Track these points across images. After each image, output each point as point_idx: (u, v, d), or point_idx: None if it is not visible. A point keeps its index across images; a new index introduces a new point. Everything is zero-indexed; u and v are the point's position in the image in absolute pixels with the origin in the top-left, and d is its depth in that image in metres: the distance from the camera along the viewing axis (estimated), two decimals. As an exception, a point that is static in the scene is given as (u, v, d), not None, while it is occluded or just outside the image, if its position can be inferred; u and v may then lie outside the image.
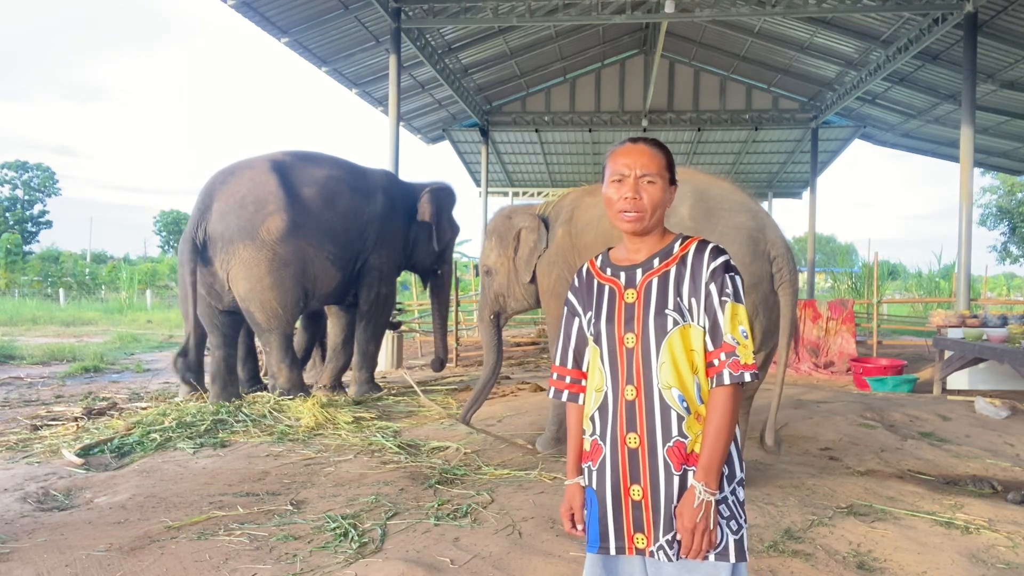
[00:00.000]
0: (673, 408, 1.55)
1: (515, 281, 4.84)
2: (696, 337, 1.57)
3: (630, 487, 1.58)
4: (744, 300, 1.60)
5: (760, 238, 3.65)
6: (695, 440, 1.55)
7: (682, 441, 1.55)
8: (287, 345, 6.44)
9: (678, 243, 1.65)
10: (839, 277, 19.40)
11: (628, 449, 1.58)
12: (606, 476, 1.61)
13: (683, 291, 1.58)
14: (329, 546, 3.08)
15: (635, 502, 1.57)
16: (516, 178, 21.79)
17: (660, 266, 1.62)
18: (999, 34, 10.61)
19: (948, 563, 2.91)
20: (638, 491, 1.57)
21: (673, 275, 1.60)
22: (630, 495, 1.58)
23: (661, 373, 1.56)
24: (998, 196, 27.78)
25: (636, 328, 1.59)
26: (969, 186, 9.48)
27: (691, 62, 16.29)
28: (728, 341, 1.54)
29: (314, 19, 10.93)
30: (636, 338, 1.59)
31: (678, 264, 1.61)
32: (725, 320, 1.55)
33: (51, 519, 3.45)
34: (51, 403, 6.81)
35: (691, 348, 1.57)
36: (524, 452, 4.79)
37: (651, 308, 1.59)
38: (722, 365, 1.54)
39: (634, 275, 1.64)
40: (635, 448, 1.57)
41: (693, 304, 1.58)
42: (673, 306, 1.58)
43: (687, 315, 1.57)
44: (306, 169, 6.58)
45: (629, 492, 1.58)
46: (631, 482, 1.58)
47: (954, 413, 6.19)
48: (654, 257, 1.64)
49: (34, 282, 28.17)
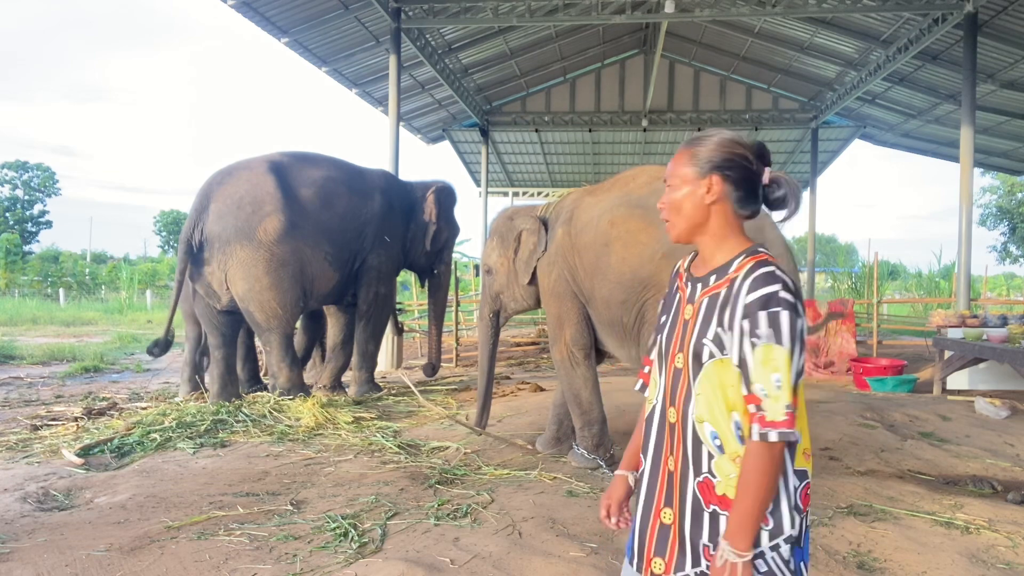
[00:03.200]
0: (704, 443, 1.41)
1: (515, 282, 4.84)
2: (732, 374, 1.39)
3: (662, 508, 1.47)
4: (787, 341, 1.33)
5: (757, 238, 3.64)
6: (726, 483, 1.39)
7: (711, 480, 1.40)
8: (287, 345, 6.44)
9: (739, 259, 1.44)
10: (839, 277, 19.41)
11: (668, 471, 1.47)
12: (642, 491, 1.52)
13: (724, 320, 1.40)
14: (329, 546, 3.08)
15: (664, 525, 1.46)
16: (516, 178, 21.79)
17: (714, 285, 1.45)
18: (999, 34, 10.61)
19: (948, 563, 2.91)
20: (669, 515, 1.46)
21: (721, 299, 1.42)
22: (660, 517, 1.47)
23: (697, 404, 1.42)
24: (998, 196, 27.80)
25: (686, 349, 1.45)
26: (969, 186, 9.48)
27: (691, 62, 16.29)
28: (756, 392, 1.34)
29: (314, 19, 10.93)
30: (685, 359, 1.45)
31: (727, 287, 1.42)
32: (755, 365, 1.34)
33: (51, 519, 3.45)
34: (51, 403, 6.81)
35: (727, 384, 1.39)
36: (524, 452, 4.79)
37: (695, 333, 1.44)
38: (752, 418, 1.35)
39: (695, 290, 1.49)
40: (673, 471, 1.46)
41: (728, 338, 1.39)
42: (713, 336, 1.41)
43: (724, 349, 1.39)
44: (304, 170, 6.59)
45: (660, 514, 1.47)
46: (664, 504, 1.47)
47: (954, 413, 6.19)
48: (712, 273, 1.47)
49: (34, 282, 28.16)
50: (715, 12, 11.12)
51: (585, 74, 16.88)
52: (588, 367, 4.46)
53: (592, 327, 4.42)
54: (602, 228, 4.10)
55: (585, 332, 4.43)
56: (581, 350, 4.45)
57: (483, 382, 5.11)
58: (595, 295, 4.19)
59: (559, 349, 4.53)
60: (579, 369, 4.45)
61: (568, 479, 4.07)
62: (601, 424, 4.45)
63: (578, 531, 3.22)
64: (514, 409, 6.30)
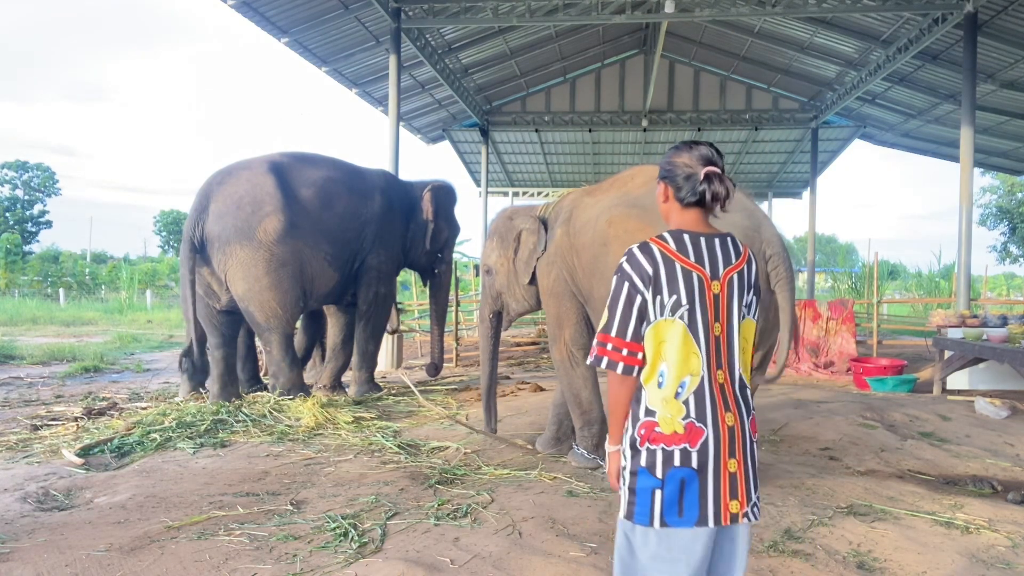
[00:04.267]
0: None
1: (515, 282, 4.84)
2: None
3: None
4: None
5: (755, 237, 3.64)
6: None
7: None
8: (287, 345, 6.45)
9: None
10: (839, 277, 19.41)
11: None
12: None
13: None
14: (329, 546, 3.09)
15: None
16: (516, 178, 21.78)
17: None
18: (999, 34, 10.61)
19: (948, 563, 2.91)
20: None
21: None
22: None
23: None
24: (998, 196, 27.78)
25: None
26: (969, 186, 9.47)
27: (691, 62, 16.29)
28: None
29: (314, 19, 10.93)
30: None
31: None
32: None
33: (51, 519, 3.45)
34: (51, 403, 6.81)
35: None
36: (524, 452, 4.79)
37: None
38: None
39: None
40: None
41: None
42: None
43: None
44: (303, 170, 6.59)
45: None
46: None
47: (954, 413, 6.19)
48: None
49: (34, 282, 28.15)
50: (715, 12, 11.12)
51: (585, 74, 16.88)
52: (588, 367, 4.46)
53: (591, 327, 4.42)
54: (600, 228, 4.09)
55: (584, 332, 4.43)
56: (580, 350, 4.44)
57: (486, 384, 5.10)
58: (594, 295, 4.19)
59: (559, 349, 4.53)
60: (579, 369, 4.45)
61: (568, 479, 4.07)
62: (601, 424, 4.45)
63: (578, 531, 3.22)
64: (514, 409, 6.29)
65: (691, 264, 1.79)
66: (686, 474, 1.75)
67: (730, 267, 1.82)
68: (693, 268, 1.79)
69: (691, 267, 1.79)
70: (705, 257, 1.80)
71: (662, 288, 1.77)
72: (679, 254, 1.79)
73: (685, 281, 1.77)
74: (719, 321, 1.79)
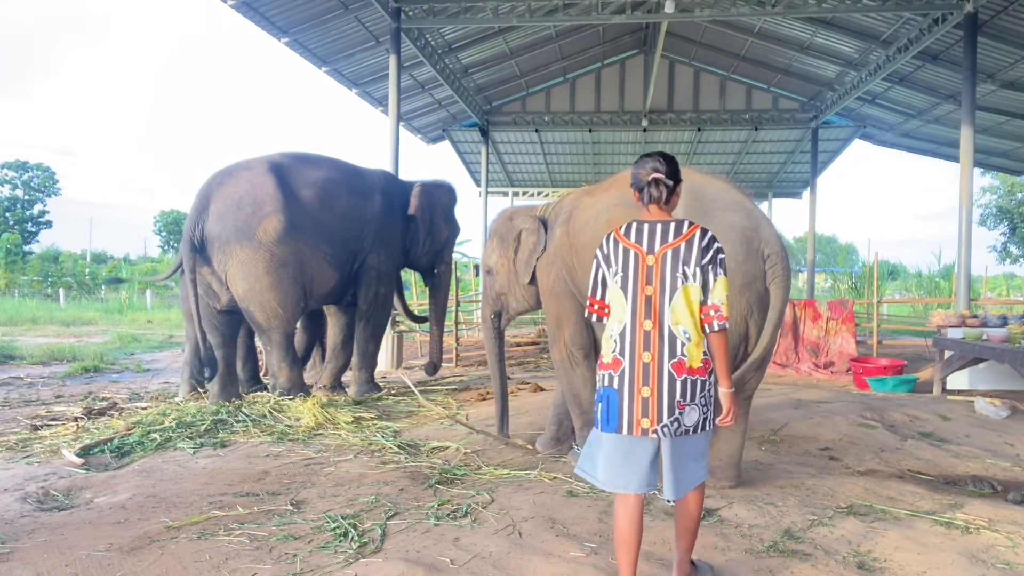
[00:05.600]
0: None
1: (515, 282, 4.84)
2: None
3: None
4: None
5: (754, 236, 3.64)
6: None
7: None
8: (288, 345, 6.44)
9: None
10: (839, 277, 19.39)
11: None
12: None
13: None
14: (329, 546, 3.08)
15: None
16: (516, 178, 21.78)
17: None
18: (999, 34, 10.61)
19: (948, 563, 2.91)
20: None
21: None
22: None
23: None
24: (998, 196, 27.77)
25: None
26: (969, 186, 9.48)
27: (691, 62, 16.29)
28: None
29: (314, 19, 10.93)
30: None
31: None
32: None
33: (51, 519, 3.45)
34: (51, 403, 6.81)
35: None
36: (524, 452, 4.79)
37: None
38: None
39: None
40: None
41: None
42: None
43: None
44: (303, 170, 6.59)
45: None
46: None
47: (954, 413, 6.19)
48: None
49: (34, 282, 28.14)
50: (715, 12, 11.13)
51: (585, 74, 16.88)
52: (587, 367, 4.46)
53: (591, 327, 4.42)
54: (599, 228, 4.08)
55: (584, 332, 4.43)
56: (580, 350, 4.45)
57: (497, 386, 5.10)
58: (593, 295, 4.20)
59: (558, 349, 4.52)
60: (578, 369, 4.45)
61: (568, 479, 4.06)
62: (601, 424, 4.46)
63: (578, 531, 3.22)
64: (514, 409, 6.28)
65: (631, 244, 2.44)
66: (611, 393, 2.41)
67: (665, 244, 2.40)
68: (631, 247, 2.43)
69: (630, 246, 2.44)
70: (645, 239, 2.42)
71: (612, 263, 2.47)
72: (625, 237, 2.45)
73: (624, 257, 2.44)
74: (651, 284, 2.39)
